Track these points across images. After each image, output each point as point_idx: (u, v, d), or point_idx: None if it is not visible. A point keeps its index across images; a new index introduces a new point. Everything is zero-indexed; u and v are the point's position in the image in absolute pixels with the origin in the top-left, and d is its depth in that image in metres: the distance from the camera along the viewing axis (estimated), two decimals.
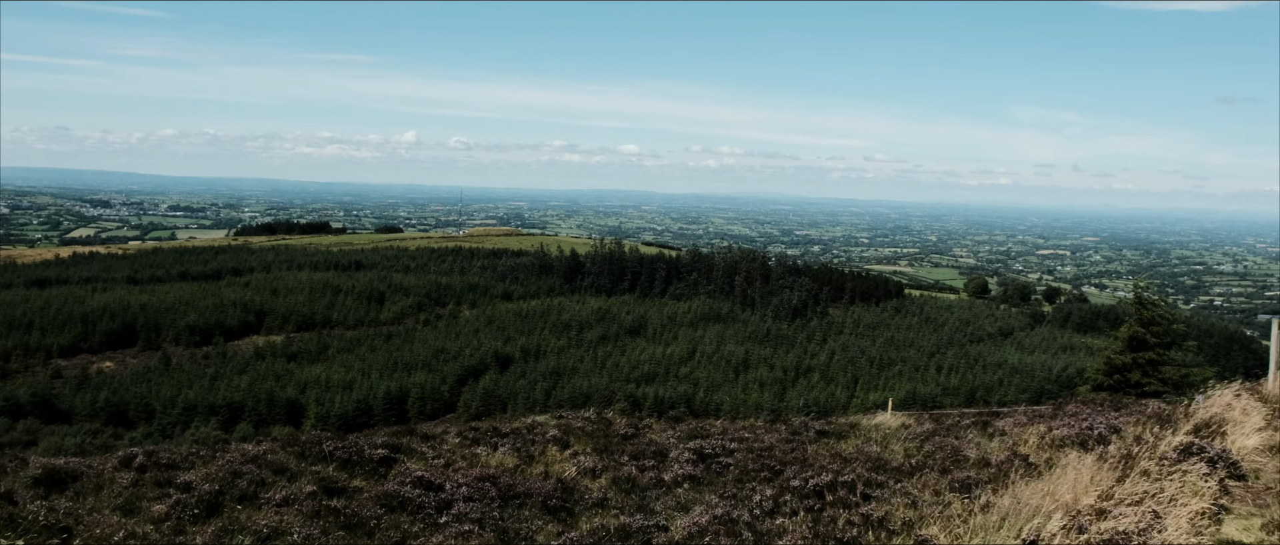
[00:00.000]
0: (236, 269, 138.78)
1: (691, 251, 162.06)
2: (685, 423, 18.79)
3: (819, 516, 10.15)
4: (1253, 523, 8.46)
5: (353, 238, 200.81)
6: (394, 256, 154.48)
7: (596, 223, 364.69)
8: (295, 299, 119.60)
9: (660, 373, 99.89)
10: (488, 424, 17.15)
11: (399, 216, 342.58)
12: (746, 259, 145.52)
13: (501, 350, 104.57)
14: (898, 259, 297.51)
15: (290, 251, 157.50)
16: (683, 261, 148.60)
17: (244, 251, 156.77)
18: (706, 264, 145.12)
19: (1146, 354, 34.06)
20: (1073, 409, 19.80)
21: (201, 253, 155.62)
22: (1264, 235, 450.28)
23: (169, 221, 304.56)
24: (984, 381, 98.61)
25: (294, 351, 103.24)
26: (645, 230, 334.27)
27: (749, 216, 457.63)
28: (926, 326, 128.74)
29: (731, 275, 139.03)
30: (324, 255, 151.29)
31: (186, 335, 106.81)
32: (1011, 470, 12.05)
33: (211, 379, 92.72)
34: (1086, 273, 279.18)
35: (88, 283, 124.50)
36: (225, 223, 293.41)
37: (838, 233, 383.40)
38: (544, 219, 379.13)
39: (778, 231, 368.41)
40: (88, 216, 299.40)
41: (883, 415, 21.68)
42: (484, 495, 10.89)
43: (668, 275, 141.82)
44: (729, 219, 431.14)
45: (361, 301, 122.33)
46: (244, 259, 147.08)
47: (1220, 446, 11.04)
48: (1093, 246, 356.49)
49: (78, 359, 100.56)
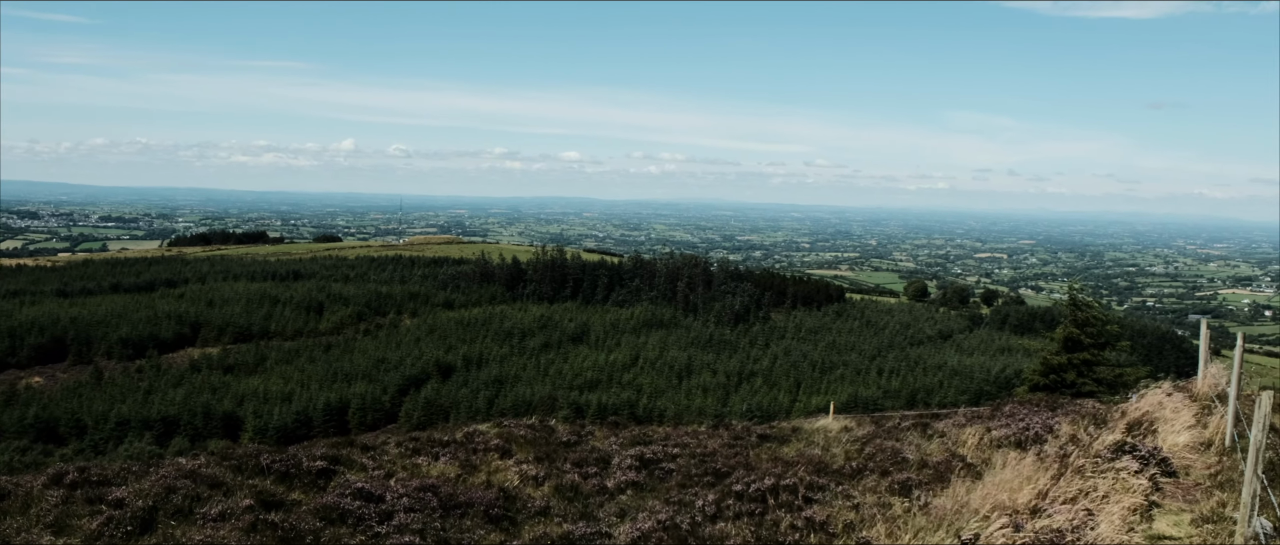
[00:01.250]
0: (170, 280, 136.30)
1: (633, 258, 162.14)
2: (628, 429, 18.76)
3: (761, 520, 10.18)
4: (1183, 518, 8.62)
5: (290, 247, 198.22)
6: (333, 266, 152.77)
7: (538, 230, 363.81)
8: (232, 310, 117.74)
9: (603, 379, 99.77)
10: (429, 434, 16.99)
11: (338, 225, 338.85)
12: (688, 265, 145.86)
13: (443, 359, 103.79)
14: (839, 263, 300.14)
15: (226, 262, 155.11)
16: (625, 268, 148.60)
17: (178, 262, 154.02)
18: (649, 270, 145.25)
19: (1081, 354, 34.62)
20: (1010, 410, 20.06)
21: (134, 264, 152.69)
22: (1193, 237, 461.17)
23: (100, 232, 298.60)
24: (924, 384, 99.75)
25: (231, 363, 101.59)
26: (587, 237, 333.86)
27: (691, 222, 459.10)
28: (867, 330, 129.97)
29: (674, 281, 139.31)
30: (261, 265, 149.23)
31: (119, 348, 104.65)
32: (951, 471, 12.18)
33: (145, 393, 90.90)
34: (1023, 275, 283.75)
35: (15, 296, 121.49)
36: (158, 233, 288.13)
37: (779, 238, 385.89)
38: (485, 226, 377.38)
39: (719, 237, 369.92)
40: (15, 228, 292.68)
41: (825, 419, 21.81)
42: (425, 505, 10.79)
43: (610, 282, 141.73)
44: (671, 225, 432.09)
45: (300, 312, 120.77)
46: (178, 270, 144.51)
47: (1152, 444, 11.25)
48: (1029, 249, 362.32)
49: (5, 374, 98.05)
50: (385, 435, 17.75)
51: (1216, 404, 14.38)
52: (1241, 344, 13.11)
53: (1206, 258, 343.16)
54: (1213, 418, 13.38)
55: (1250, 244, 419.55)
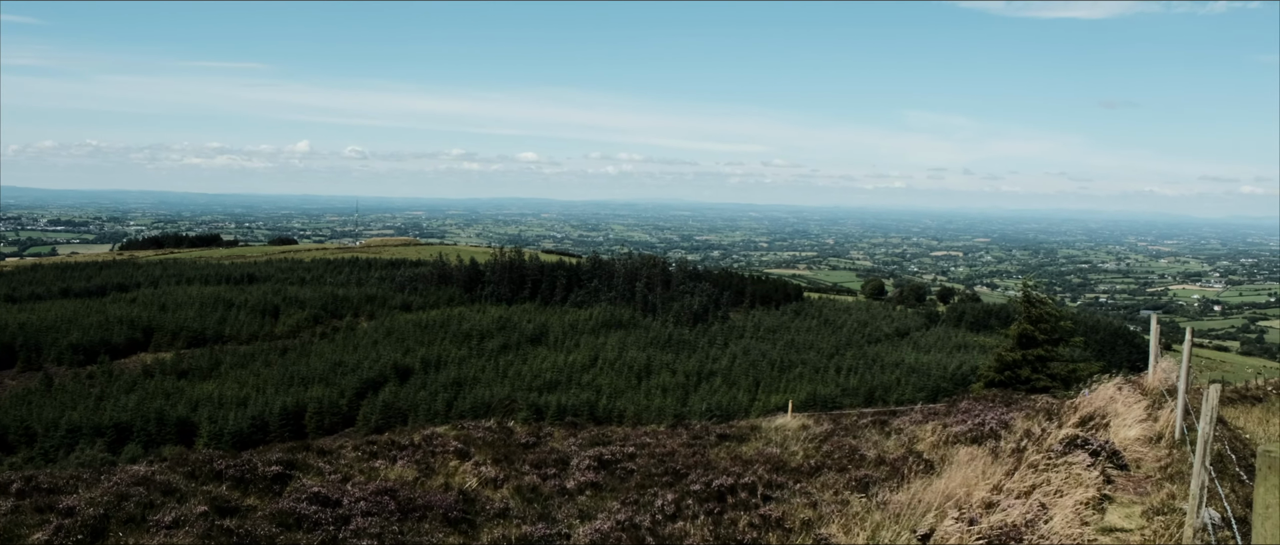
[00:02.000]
0: (122, 284, 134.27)
1: (592, 258, 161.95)
2: (587, 430, 18.75)
3: (720, 519, 10.20)
4: (1134, 510, 8.74)
5: (245, 250, 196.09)
6: (288, 269, 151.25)
7: (496, 231, 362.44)
8: (185, 314, 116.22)
9: (562, 381, 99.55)
10: (387, 437, 16.88)
11: (293, 228, 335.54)
12: (647, 265, 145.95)
13: (401, 362, 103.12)
14: (796, 262, 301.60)
15: (179, 265, 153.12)
16: (583, 269, 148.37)
17: (130, 266, 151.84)
18: (607, 271, 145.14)
19: (1036, 350, 35.08)
20: (966, 406, 20.27)
21: (85, 268, 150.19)
22: (1145, 234, 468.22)
23: (49, 236, 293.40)
24: (882, 381, 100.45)
25: (185, 368, 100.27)
26: (545, 238, 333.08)
27: (649, 222, 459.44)
28: (826, 328, 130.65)
29: (632, 281, 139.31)
30: (215, 269, 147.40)
31: (69, 354, 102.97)
32: (908, 467, 12.28)
33: (97, 399, 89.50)
34: (978, 273, 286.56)
35: None
36: (110, 237, 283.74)
37: (737, 237, 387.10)
38: (443, 228, 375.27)
39: (678, 237, 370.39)
40: None
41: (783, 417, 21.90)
42: (383, 509, 10.71)
43: (568, 283, 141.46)
44: (629, 225, 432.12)
45: (255, 315, 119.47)
46: (130, 274, 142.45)
47: (1104, 438, 11.39)
48: (984, 247, 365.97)
49: None
50: (342, 439, 17.61)
51: (1167, 398, 14.60)
52: (1190, 339, 13.32)
53: (1157, 254, 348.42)
54: (1163, 411, 13.58)
55: (1200, 240, 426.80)
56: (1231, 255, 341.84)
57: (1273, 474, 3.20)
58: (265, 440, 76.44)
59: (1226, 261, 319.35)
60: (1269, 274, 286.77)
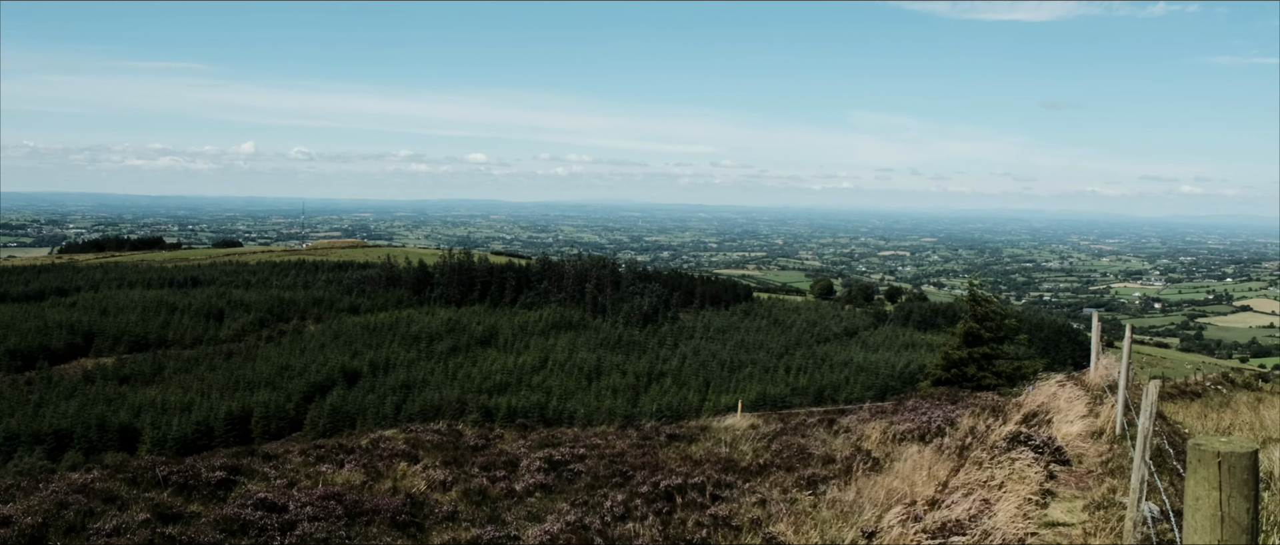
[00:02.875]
0: (61, 288, 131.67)
1: (542, 260, 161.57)
2: (537, 431, 18.69)
3: (669, 519, 10.22)
4: (1076, 504, 8.88)
5: (188, 253, 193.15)
6: (233, 271, 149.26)
7: (445, 233, 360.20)
8: (127, 318, 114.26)
9: (512, 382, 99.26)
10: (334, 441, 16.72)
11: (238, 230, 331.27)
12: (597, 266, 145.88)
13: (349, 365, 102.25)
14: (746, 263, 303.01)
15: (121, 269, 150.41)
16: (533, 270, 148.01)
17: (69, 270, 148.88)
18: (557, 272, 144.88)
19: (981, 348, 35.46)
20: (913, 404, 20.47)
21: (22, 272, 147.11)
22: (1087, 233, 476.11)
23: None
24: (831, 380, 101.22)
25: (127, 373, 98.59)
26: (494, 239, 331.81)
27: (598, 224, 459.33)
28: (775, 328, 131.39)
29: (582, 283, 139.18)
30: (157, 272, 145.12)
31: (7, 360, 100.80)
32: (856, 466, 12.38)
33: (36, 405, 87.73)
34: (925, 272, 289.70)
35: None
36: (48, 240, 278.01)
37: (687, 238, 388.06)
38: (391, 230, 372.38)
39: (627, 238, 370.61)
40: None
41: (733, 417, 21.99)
42: (329, 514, 10.60)
43: (518, 284, 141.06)
44: (579, 226, 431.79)
45: (199, 319, 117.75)
46: (70, 278, 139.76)
47: (1047, 434, 11.56)
48: (931, 247, 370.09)
49: None
50: (289, 444, 17.41)
51: (1108, 394, 14.85)
52: (1130, 336, 13.55)
53: (1099, 253, 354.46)
54: (1104, 407, 13.81)
55: (1140, 239, 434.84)
56: (1171, 254, 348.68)
57: (1202, 467, 3.27)
58: (210, 446, 75.35)
59: (1166, 260, 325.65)
60: (1207, 272, 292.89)
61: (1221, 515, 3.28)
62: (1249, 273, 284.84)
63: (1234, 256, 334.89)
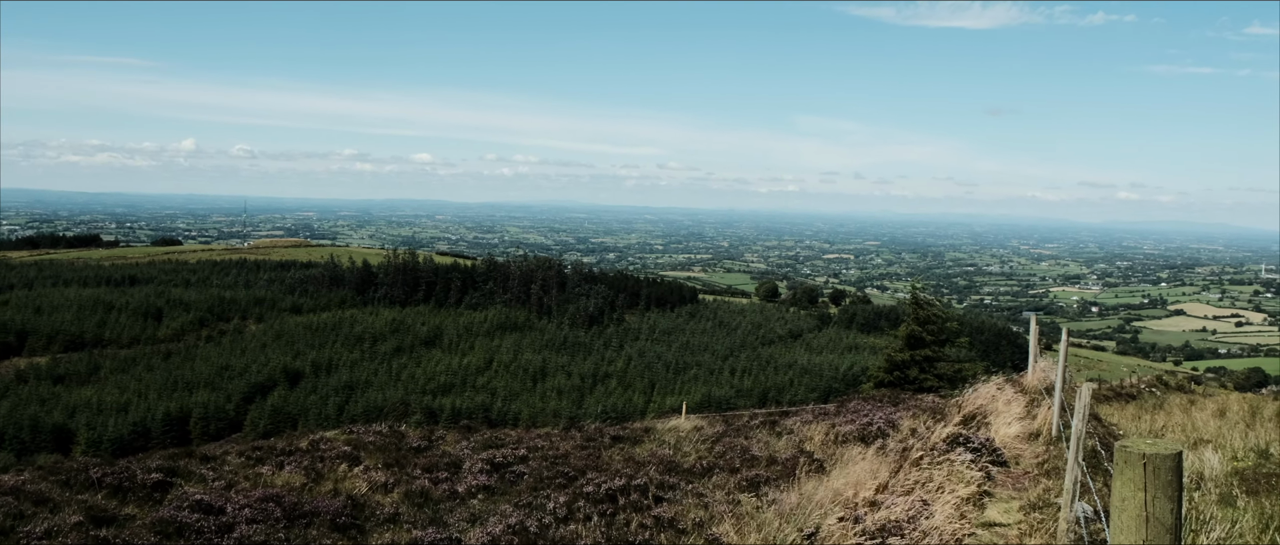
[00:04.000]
0: None
1: (487, 260, 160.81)
2: (480, 433, 18.62)
3: (612, 521, 10.23)
4: (1012, 505, 9.03)
5: (126, 251, 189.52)
6: (173, 270, 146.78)
7: (389, 233, 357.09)
8: (62, 317, 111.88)
9: (457, 384, 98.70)
10: (274, 442, 16.53)
11: (177, 228, 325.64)
12: (542, 267, 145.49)
13: (291, 365, 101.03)
14: (692, 265, 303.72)
15: (56, 267, 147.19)
16: (478, 271, 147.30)
17: (2, 267, 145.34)
18: (502, 273, 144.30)
19: (923, 351, 35.89)
20: (855, 406, 20.67)
21: None
22: (1027, 237, 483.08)
23: None
24: (775, 382, 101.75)
25: (61, 373, 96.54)
26: (440, 240, 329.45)
27: (544, 225, 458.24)
28: (720, 330, 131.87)
29: (527, 284, 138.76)
30: (94, 270, 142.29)
31: None
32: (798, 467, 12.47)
33: None
34: (869, 275, 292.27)
35: None
36: None
37: (633, 240, 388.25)
38: (334, 229, 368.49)
39: (573, 239, 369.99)
40: None
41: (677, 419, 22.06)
42: (268, 516, 10.49)
43: (463, 285, 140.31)
44: (525, 227, 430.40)
45: (137, 318, 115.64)
46: (2, 275, 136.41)
47: (985, 436, 11.73)
48: (875, 250, 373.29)
49: None
50: (228, 445, 17.18)
51: (1045, 396, 15.09)
52: (1066, 338, 13.78)
53: (1039, 257, 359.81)
54: (1041, 409, 14.04)
55: (1078, 244, 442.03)
56: (1108, 258, 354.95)
57: (1128, 468, 3.35)
58: (147, 447, 74.03)
59: (1103, 264, 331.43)
60: (1143, 277, 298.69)
61: (1146, 515, 3.37)
62: (1183, 278, 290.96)
63: (1168, 262, 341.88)
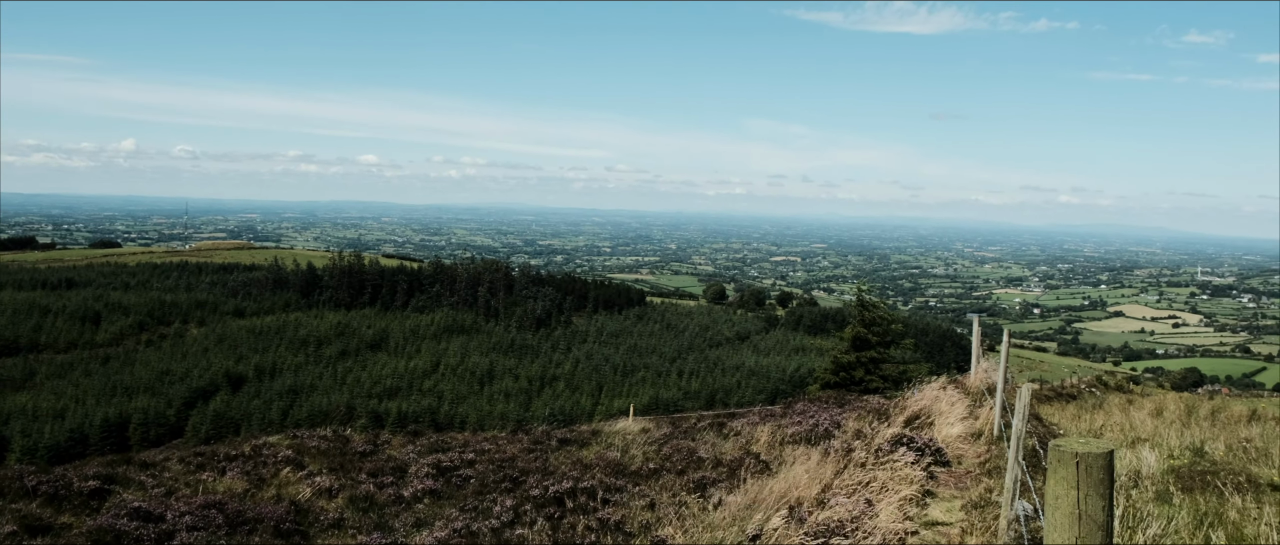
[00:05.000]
0: None
1: (434, 263, 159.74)
2: (426, 437, 18.50)
3: (559, 524, 10.21)
4: (954, 504, 9.14)
5: (63, 253, 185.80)
6: (111, 273, 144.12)
7: (335, 235, 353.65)
8: None
9: (403, 387, 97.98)
10: (216, 448, 16.31)
11: (117, 230, 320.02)
12: (490, 270, 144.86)
13: (233, 369, 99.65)
14: (639, 267, 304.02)
15: None
16: (425, 273, 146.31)
17: None
18: (449, 275, 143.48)
19: (869, 352, 36.18)
20: (801, 407, 20.81)
21: None
22: (971, 240, 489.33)
23: None
24: (723, 384, 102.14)
25: None
26: (386, 242, 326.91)
27: (492, 227, 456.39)
28: (668, 333, 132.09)
29: (475, 286, 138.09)
30: (29, 273, 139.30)
31: None
32: (744, 469, 12.53)
33: None
34: (816, 278, 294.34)
35: None
36: None
37: (580, 242, 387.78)
38: (278, 231, 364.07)
39: (521, 242, 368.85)
40: None
41: (625, 421, 22.08)
42: (210, 523, 10.34)
43: (410, 287, 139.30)
44: (472, 230, 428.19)
45: (74, 322, 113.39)
46: None
47: (928, 436, 11.87)
48: (821, 252, 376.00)
49: None
50: (169, 451, 16.92)
51: (987, 396, 15.29)
52: (1007, 340, 13.97)
53: (982, 260, 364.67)
54: (983, 409, 14.22)
55: (1021, 247, 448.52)
56: (1050, 261, 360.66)
57: (1062, 467, 3.41)
58: (84, 455, 72.62)
59: (1045, 267, 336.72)
60: (1084, 279, 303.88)
61: (1079, 513, 3.43)
62: (1122, 280, 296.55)
63: (1108, 264, 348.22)
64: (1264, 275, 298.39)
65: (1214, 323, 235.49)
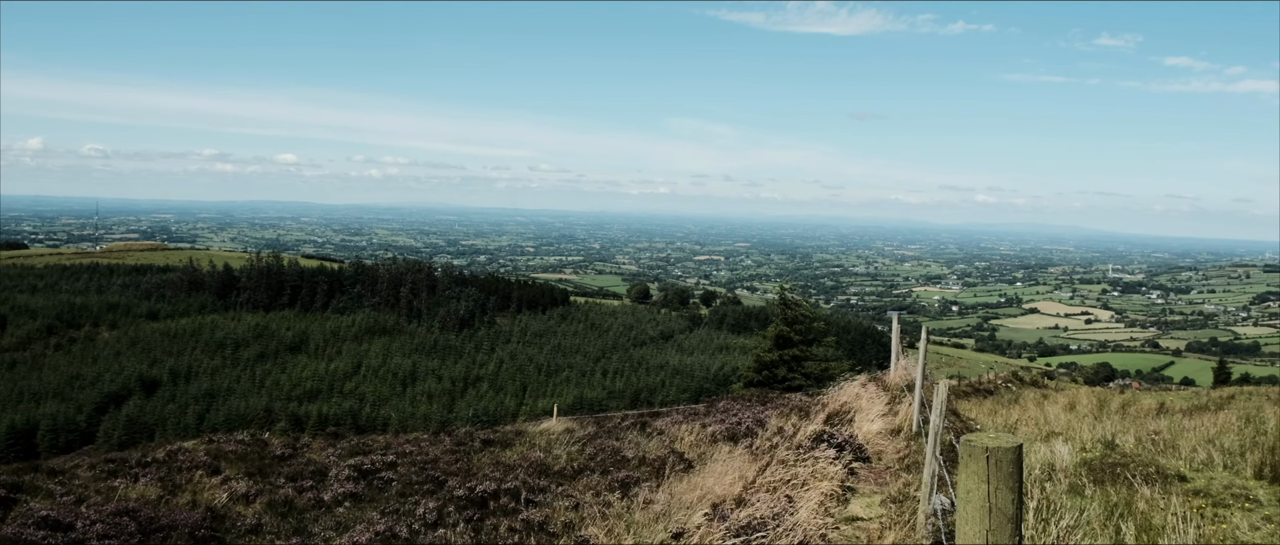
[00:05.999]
0: None
1: (355, 263, 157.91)
2: (347, 439, 18.27)
3: (481, 525, 10.16)
4: (874, 500, 9.28)
5: None
6: (18, 275, 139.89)
7: (252, 235, 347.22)
8: None
9: (324, 389, 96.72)
10: (128, 454, 15.92)
11: (23, 231, 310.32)
12: (412, 270, 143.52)
13: (147, 373, 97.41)
14: (563, 267, 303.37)
15: None
16: (346, 274, 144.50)
17: None
18: (371, 276, 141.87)
19: (792, 351, 36.50)
20: (724, 405, 20.95)
21: None
22: (891, 239, 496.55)
23: None
24: (647, 383, 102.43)
25: None
26: (306, 242, 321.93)
27: (414, 227, 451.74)
28: (592, 332, 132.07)
29: (397, 287, 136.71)
30: None
31: None
32: (668, 467, 12.58)
33: None
34: (739, 276, 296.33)
35: None
36: None
37: (504, 242, 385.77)
38: (194, 232, 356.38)
39: (444, 242, 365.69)
40: None
41: (549, 421, 22.03)
42: (122, 531, 10.09)
43: (330, 288, 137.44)
44: (394, 230, 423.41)
45: None
46: None
47: (849, 433, 12.03)
48: (744, 252, 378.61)
49: None
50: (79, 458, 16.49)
51: (906, 393, 15.54)
52: (926, 337, 14.21)
53: (903, 258, 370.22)
54: (903, 406, 14.45)
55: (939, 245, 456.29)
56: (968, 259, 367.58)
57: (972, 461, 3.49)
58: None
59: (963, 265, 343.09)
60: (1000, 277, 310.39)
61: (990, 506, 3.52)
62: (1037, 277, 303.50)
63: (1024, 262, 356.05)
64: (1172, 272, 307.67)
65: (1125, 319, 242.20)
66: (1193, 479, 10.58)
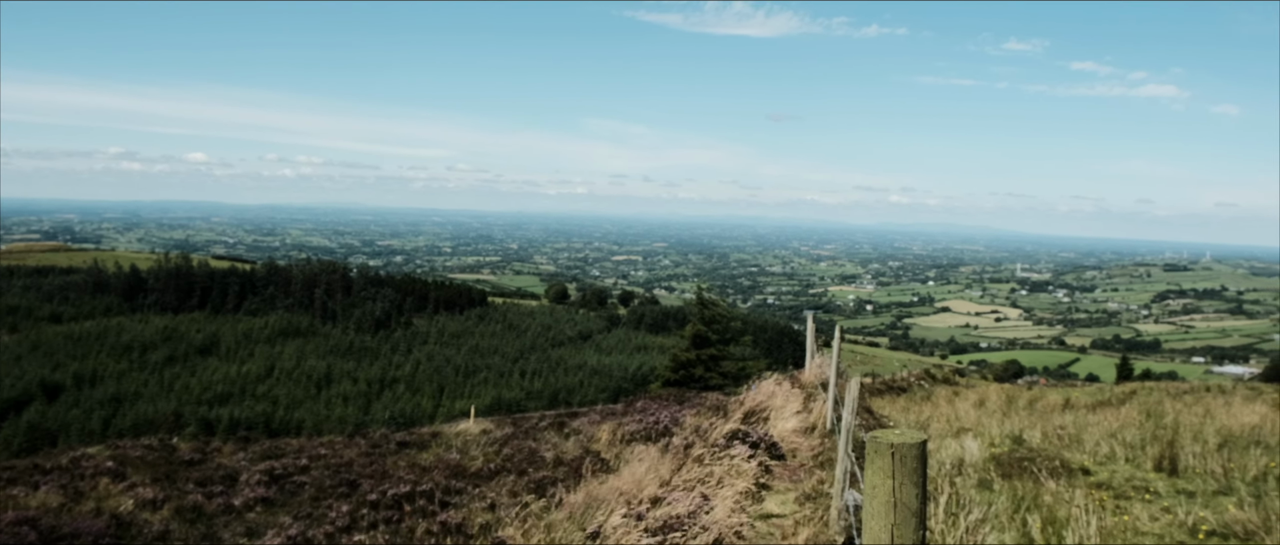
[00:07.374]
0: None
1: (267, 264, 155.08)
2: (259, 443, 17.97)
3: (397, 528, 10.07)
4: (788, 496, 9.40)
5: None
6: None
7: (161, 236, 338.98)
8: None
9: (236, 393, 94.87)
10: (29, 461, 15.46)
11: None
12: (326, 271, 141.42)
13: (49, 378, 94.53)
14: (481, 267, 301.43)
15: None
16: (258, 275, 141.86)
17: None
18: (284, 277, 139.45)
19: (709, 350, 36.75)
20: (642, 405, 21.02)
21: None
22: (807, 239, 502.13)
23: None
24: (566, 383, 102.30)
25: None
26: (216, 243, 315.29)
27: (328, 227, 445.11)
28: (510, 333, 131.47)
29: (311, 288, 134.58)
30: None
31: None
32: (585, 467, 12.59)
33: None
34: (657, 276, 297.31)
35: None
36: None
37: (421, 242, 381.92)
38: (99, 233, 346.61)
39: (359, 242, 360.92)
40: None
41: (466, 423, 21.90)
42: (22, 540, 9.80)
43: (242, 290, 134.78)
44: (307, 230, 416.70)
45: None
46: None
47: (764, 431, 12.16)
48: (662, 252, 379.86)
49: None
50: None
51: (821, 391, 15.75)
52: (839, 335, 14.43)
53: (818, 258, 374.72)
54: (817, 404, 14.64)
55: (854, 245, 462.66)
56: (882, 258, 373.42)
57: (878, 457, 3.56)
58: None
59: (877, 264, 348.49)
60: (913, 276, 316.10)
61: (894, 501, 3.60)
62: (949, 277, 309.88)
63: (936, 262, 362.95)
64: (1077, 271, 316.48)
65: (1032, 317, 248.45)
66: (1096, 472, 10.91)
